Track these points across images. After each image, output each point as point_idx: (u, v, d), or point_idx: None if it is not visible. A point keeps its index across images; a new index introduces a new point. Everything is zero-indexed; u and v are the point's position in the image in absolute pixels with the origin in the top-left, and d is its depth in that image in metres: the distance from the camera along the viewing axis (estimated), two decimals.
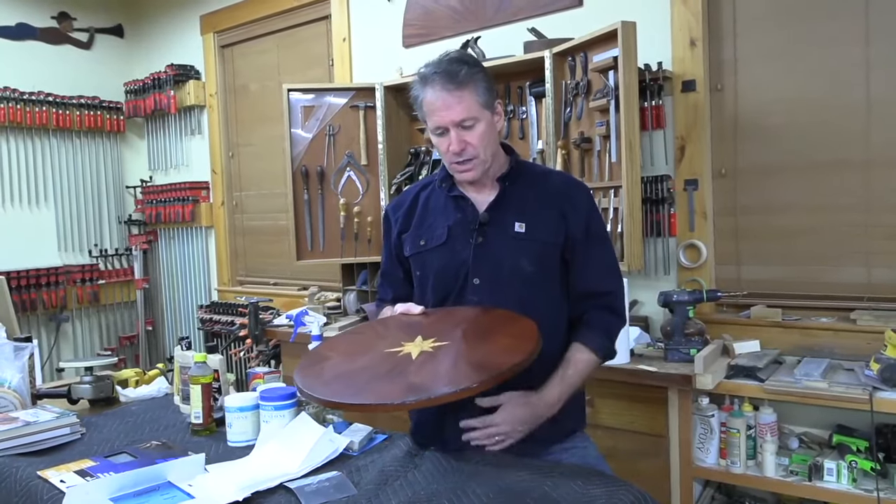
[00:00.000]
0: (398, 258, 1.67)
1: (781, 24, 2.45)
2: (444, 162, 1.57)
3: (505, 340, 1.33)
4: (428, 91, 1.47)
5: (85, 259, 4.54)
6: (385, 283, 1.74)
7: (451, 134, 1.47)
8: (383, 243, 1.74)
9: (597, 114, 2.54)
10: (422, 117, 1.54)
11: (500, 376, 1.24)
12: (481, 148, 1.49)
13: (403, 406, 1.27)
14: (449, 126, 1.46)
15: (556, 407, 1.47)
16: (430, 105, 1.47)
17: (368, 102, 3.21)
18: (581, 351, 1.53)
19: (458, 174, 1.54)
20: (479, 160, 1.50)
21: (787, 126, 2.46)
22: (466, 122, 1.46)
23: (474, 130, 1.47)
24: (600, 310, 1.58)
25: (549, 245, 1.53)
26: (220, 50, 4.31)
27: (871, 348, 2.14)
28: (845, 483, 1.99)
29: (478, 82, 1.47)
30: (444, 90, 1.45)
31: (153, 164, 4.74)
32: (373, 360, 1.37)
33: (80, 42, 4.58)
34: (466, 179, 1.54)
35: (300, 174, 3.24)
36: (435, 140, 1.52)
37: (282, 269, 4.04)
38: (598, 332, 1.56)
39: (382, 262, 1.76)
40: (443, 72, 1.45)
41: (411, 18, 3.35)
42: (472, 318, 1.46)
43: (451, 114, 1.45)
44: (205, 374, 1.74)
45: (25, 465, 1.56)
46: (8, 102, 4.11)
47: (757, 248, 2.54)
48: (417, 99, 1.51)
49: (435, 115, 1.47)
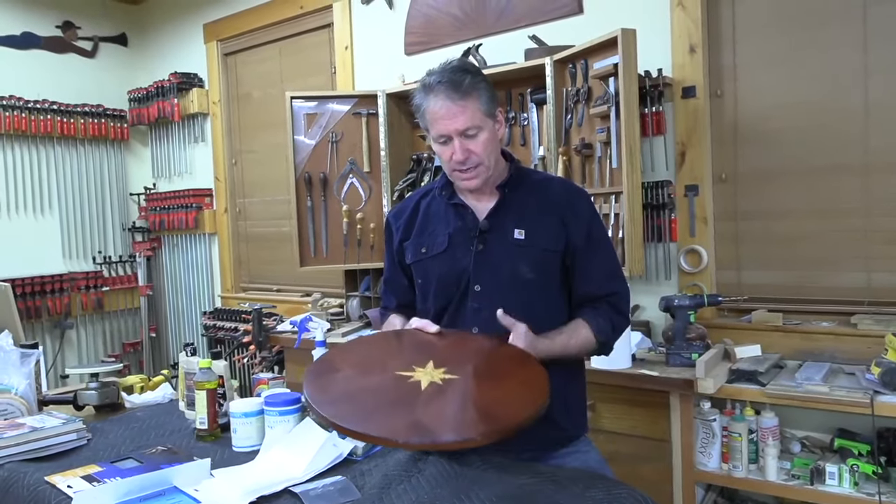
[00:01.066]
0: (400, 265, 1.68)
1: (781, 31, 2.47)
2: (445, 170, 1.58)
3: (516, 387, 1.31)
4: (431, 100, 1.48)
5: (89, 266, 4.56)
6: (388, 290, 1.75)
7: (455, 143, 1.48)
8: (385, 251, 1.75)
9: (597, 120, 2.55)
10: (424, 126, 1.55)
11: (506, 433, 1.23)
12: (485, 156, 1.50)
13: (407, 446, 1.28)
14: (452, 135, 1.47)
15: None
16: (434, 114, 1.48)
17: (371, 109, 3.23)
18: (582, 326, 1.53)
19: (460, 182, 1.55)
20: (482, 168, 1.51)
21: (787, 131, 2.47)
22: (470, 130, 1.47)
23: (478, 139, 1.48)
24: (606, 306, 1.58)
25: (549, 252, 1.54)
26: (223, 58, 4.34)
27: (871, 352, 2.15)
28: (847, 487, 2.00)
29: (481, 91, 1.49)
30: (447, 99, 1.46)
31: (157, 172, 4.76)
32: (382, 382, 1.36)
33: (85, 51, 4.62)
34: (469, 188, 1.55)
35: (303, 181, 3.26)
36: (438, 149, 1.53)
37: (285, 275, 4.06)
38: (604, 319, 1.55)
39: (385, 269, 1.76)
40: (447, 81, 1.46)
41: (413, 26, 3.37)
42: (486, 353, 1.45)
43: (455, 123, 1.46)
44: (210, 380, 1.75)
45: (33, 470, 1.57)
46: (13, 111, 4.15)
47: (757, 253, 2.55)
48: (420, 108, 1.52)
49: (438, 125, 1.48)
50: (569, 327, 1.53)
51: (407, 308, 1.70)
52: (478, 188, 1.55)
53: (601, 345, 1.56)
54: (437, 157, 3.10)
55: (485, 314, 1.52)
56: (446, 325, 1.56)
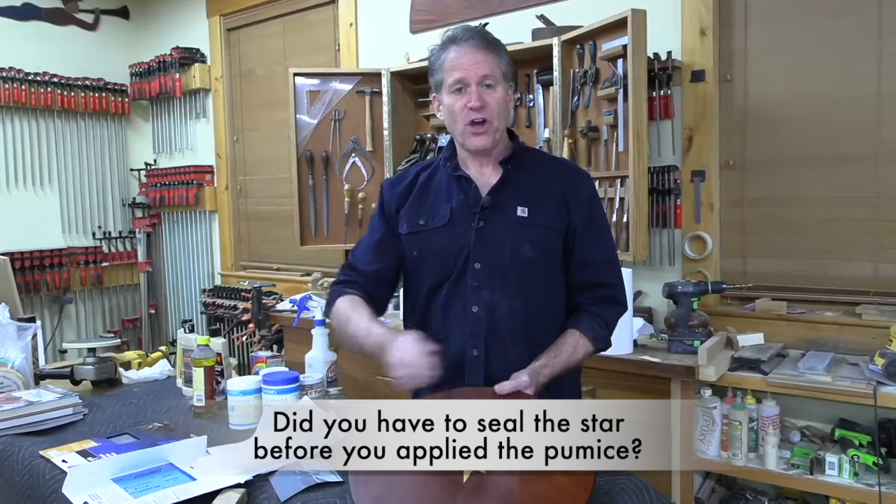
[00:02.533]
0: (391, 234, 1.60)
1: (793, 16, 2.43)
2: (454, 130, 1.53)
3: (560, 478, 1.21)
4: (453, 49, 1.48)
5: (89, 241, 4.54)
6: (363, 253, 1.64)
7: (473, 89, 1.46)
8: (372, 218, 1.67)
9: (604, 103, 2.52)
10: (435, 82, 1.52)
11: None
12: (497, 113, 1.48)
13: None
14: (472, 81, 1.46)
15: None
16: (454, 62, 1.47)
17: (374, 88, 3.20)
18: (577, 336, 1.51)
19: (470, 138, 1.50)
20: (493, 126, 1.48)
21: (797, 119, 2.44)
22: (489, 80, 1.46)
23: (495, 92, 1.47)
24: (602, 301, 1.57)
25: (550, 230, 1.52)
26: (226, 33, 4.29)
27: (876, 343, 2.14)
28: (847, 477, 1.99)
29: (503, 53, 1.51)
30: (472, 47, 1.46)
31: (158, 148, 4.73)
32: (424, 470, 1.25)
33: (86, 23, 4.56)
34: (478, 145, 1.50)
35: (305, 159, 3.23)
36: (449, 101, 1.49)
37: (285, 254, 4.04)
38: (599, 322, 1.54)
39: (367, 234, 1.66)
40: (475, 34, 1.48)
41: (420, 4, 3.32)
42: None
43: (478, 68, 1.45)
44: (208, 357, 1.74)
45: (28, 444, 1.56)
46: (13, 83, 4.10)
47: (763, 241, 2.53)
48: (437, 60, 1.50)
49: (458, 70, 1.46)
50: (567, 344, 1.50)
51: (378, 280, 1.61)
52: (485, 148, 1.50)
53: (600, 348, 1.56)
54: (440, 136, 3.10)
55: (484, 292, 1.49)
56: (443, 301, 1.52)
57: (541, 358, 1.46)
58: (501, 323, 1.50)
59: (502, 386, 1.38)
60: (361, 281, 1.61)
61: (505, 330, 1.50)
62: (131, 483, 1.31)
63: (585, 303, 1.56)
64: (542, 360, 1.46)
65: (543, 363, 1.45)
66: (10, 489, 1.50)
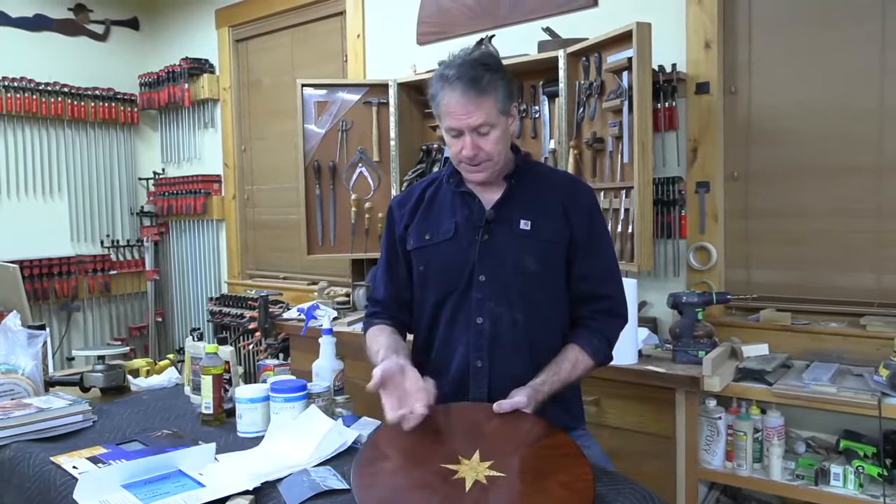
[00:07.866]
0: (402, 254, 1.64)
1: (797, 28, 2.45)
2: (452, 161, 1.57)
3: (560, 492, 1.23)
4: (447, 92, 1.45)
5: (97, 249, 4.58)
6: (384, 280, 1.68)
7: (466, 138, 1.46)
8: (383, 239, 1.71)
9: (610, 114, 2.54)
10: (436, 114, 1.53)
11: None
12: (494, 153, 1.49)
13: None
14: (464, 130, 1.46)
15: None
16: (448, 107, 1.46)
17: (381, 99, 3.22)
18: (577, 351, 1.52)
19: (468, 174, 1.55)
20: (490, 163, 1.50)
21: (801, 130, 2.45)
22: (483, 128, 1.45)
23: (489, 137, 1.47)
24: (602, 314, 1.58)
25: (553, 243, 1.54)
26: (234, 44, 4.34)
27: (880, 354, 2.14)
28: (852, 488, 1.99)
29: (499, 89, 1.46)
30: (463, 95, 1.43)
31: (166, 157, 4.77)
32: (425, 477, 1.28)
33: (96, 34, 4.62)
34: (476, 180, 1.54)
35: (312, 169, 3.26)
36: (448, 139, 1.52)
37: (291, 263, 4.06)
38: (599, 337, 1.55)
39: (380, 259, 1.70)
40: (465, 77, 1.43)
41: (426, 16, 3.36)
42: (533, 442, 1.38)
43: (469, 119, 1.44)
44: (216, 365, 1.75)
45: (39, 450, 1.58)
46: (24, 92, 4.15)
47: (767, 252, 2.54)
48: (435, 97, 1.50)
49: (451, 118, 1.46)
50: (567, 360, 1.51)
51: (397, 304, 1.65)
52: (484, 181, 1.54)
53: (601, 363, 1.57)
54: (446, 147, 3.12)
55: (489, 304, 1.51)
56: (449, 314, 1.55)
57: (540, 375, 1.48)
58: (506, 335, 1.51)
59: (501, 405, 1.40)
60: (383, 310, 1.67)
61: (509, 342, 1.51)
62: (141, 489, 1.32)
63: (585, 316, 1.58)
64: (541, 377, 1.48)
65: (542, 380, 1.47)
66: (21, 495, 1.52)
